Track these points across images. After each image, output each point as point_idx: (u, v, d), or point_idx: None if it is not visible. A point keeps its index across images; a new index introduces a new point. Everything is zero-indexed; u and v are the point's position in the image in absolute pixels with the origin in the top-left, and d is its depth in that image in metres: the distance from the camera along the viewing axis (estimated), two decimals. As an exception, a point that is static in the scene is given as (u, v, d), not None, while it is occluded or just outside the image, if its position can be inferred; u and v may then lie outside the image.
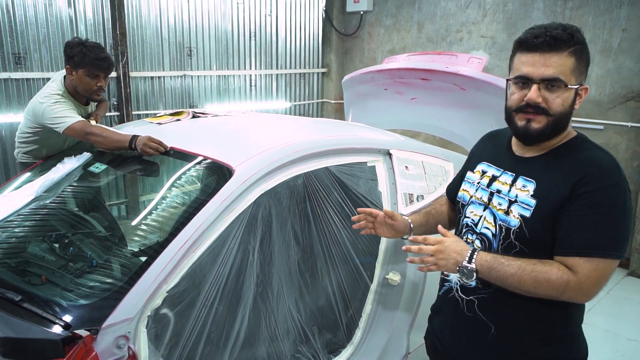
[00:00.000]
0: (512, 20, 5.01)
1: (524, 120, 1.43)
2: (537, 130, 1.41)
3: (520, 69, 1.41)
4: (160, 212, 1.97)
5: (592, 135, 4.61)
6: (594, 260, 1.33)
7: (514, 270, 1.38)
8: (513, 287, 1.40)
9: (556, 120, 1.39)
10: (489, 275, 1.42)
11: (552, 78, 1.36)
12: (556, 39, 1.34)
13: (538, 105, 1.38)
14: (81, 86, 2.62)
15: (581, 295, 1.36)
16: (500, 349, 1.53)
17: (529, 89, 1.39)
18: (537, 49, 1.37)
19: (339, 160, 2.20)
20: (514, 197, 1.46)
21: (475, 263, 1.42)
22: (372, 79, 3.71)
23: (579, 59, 1.37)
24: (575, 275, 1.33)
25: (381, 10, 6.22)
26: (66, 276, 1.66)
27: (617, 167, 1.38)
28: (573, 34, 1.36)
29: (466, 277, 1.44)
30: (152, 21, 4.92)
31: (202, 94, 5.52)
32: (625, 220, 1.36)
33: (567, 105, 1.39)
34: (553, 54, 1.35)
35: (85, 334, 1.36)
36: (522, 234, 1.43)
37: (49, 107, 2.52)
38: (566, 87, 1.36)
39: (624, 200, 1.35)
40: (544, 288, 1.36)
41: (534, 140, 1.45)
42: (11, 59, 4.13)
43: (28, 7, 4.14)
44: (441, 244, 1.47)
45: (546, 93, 1.38)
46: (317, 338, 2.20)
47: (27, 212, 2.02)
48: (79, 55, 2.55)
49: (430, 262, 1.47)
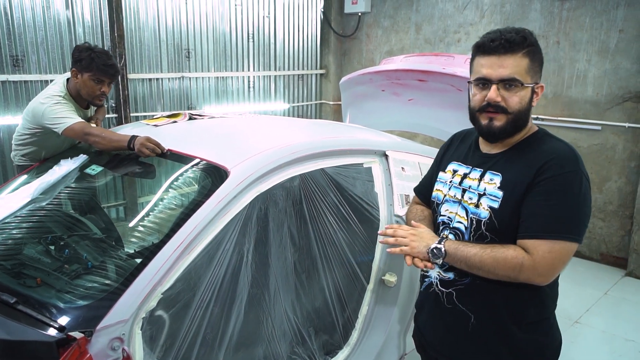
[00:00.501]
0: (509, 22, 5.02)
1: (486, 119, 1.52)
2: (499, 127, 1.51)
3: (480, 71, 1.51)
4: (156, 214, 1.97)
5: (589, 135, 4.64)
6: (549, 242, 1.41)
7: (475, 250, 1.48)
8: (476, 267, 1.48)
9: (515, 117, 1.49)
10: (455, 255, 1.51)
11: (508, 78, 1.46)
12: (510, 41, 1.45)
13: (498, 104, 1.48)
14: (85, 90, 2.64)
15: (537, 276, 1.44)
16: (480, 337, 1.60)
17: (489, 89, 1.49)
18: (494, 52, 1.47)
19: (335, 162, 2.21)
20: (482, 191, 1.56)
21: (444, 244, 1.54)
22: (369, 80, 3.72)
23: (532, 60, 1.48)
24: (531, 256, 1.42)
25: (379, 11, 6.23)
26: (61, 278, 1.66)
27: (574, 156, 1.47)
28: (526, 36, 1.47)
29: (435, 257, 1.54)
30: (150, 23, 4.93)
31: (200, 95, 5.52)
32: (581, 205, 1.43)
33: (524, 102, 1.49)
34: (508, 56, 1.46)
35: (79, 336, 1.36)
36: (492, 225, 1.51)
37: (50, 108, 2.54)
38: (522, 85, 1.47)
39: (579, 186, 1.43)
40: (502, 267, 1.44)
41: (497, 137, 1.55)
42: (9, 61, 4.13)
43: (26, 10, 4.14)
44: (416, 230, 1.64)
45: (504, 92, 1.48)
46: (314, 339, 2.21)
47: (23, 214, 2.02)
48: (87, 59, 2.59)
49: (404, 243, 1.58)
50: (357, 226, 2.24)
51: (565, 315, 3.74)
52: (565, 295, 4.00)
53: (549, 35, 4.80)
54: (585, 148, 4.71)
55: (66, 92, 2.67)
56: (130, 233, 2.10)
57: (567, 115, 4.79)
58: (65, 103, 2.59)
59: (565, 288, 4.14)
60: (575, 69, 4.67)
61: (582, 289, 4.25)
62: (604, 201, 4.70)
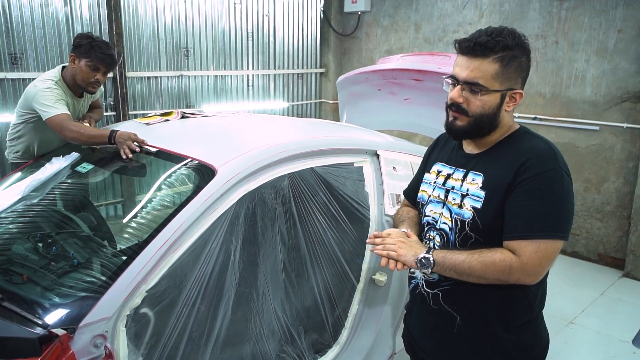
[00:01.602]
0: (508, 21, 5.01)
1: (452, 117, 1.55)
2: (459, 127, 1.54)
3: (454, 69, 1.53)
4: (145, 212, 1.97)
5: (587, 136, 4.63)
6: (535, 242, 1.41)
7: (463, 257, 1.47)
8: (465, 273, 1.48)
9: (477, 120, 1.50)
10: (443, 263, 1.50)
11: (471, 82, 1.47)
12: (481, 45, 1.45)
13: (459, 105, 1.51)
14: (80, 75, 2.68)
15: (526, 276, 1.44)
16: (466, 338, 1.60)
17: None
18: (465, 53, 1.49)
19: (325, 161, 2.21)
20: (465, 191, 1.56)
21: (432, 254, 1.53)
22: (366, 79, 3.71)
23: (505, 66, 1.46)
24: (519, 258, 1.42)
25: (379, 10, 6.23)
26: (47, 275, 1.67)
27: (554, 154, 1.47)
28: (500, 41, 1.44)
29: (424, 267, 1.53)
30: (148, 21, 4.94)
31: (199, 94, 5.53)
32: (564, 202, 1.44)
33: (488, 107, 1.49)
34: (476, 59, 1.46)
35: (61, 333, 1.37)
36: (475, 225, 1.51)
37: (41, 92, 2.58)
38: (488, 90, 1.46)
39: (561, 183, 1.43)
40: (492, 271, 1.44)
41: (457, 136, 1.59)
42: (7, 59, 4.15)
43: (24, 8, 4.16)
44: (404, 238, 1.62)
45: (468, 95, 1.49)
46: (303, 338, 2.21)
47: (13, 211, 2.03)
48: (86, 46, 2.64)
49: (392, 250, 1.57)
50: (347, 225, 2.24)
51: (561, 315, 3.74)
52: (561, 296, 4.04)
53: (547, 35, 4.78)
54: (584, 148, 4.70)
55: (60, 77, 2.71)
56: (121, 231, 2.11)
57: (565, 115, 4.78)
58: (56, 89, 2.63)
59: (562, 288, 4.18)
60: (573, 69, 4.66)
61: (578, 289, 4.24)
62: (601, 202, 4.69)
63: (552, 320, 3.69)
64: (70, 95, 2.75)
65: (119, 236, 2.03)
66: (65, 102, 2.63)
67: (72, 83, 2.73)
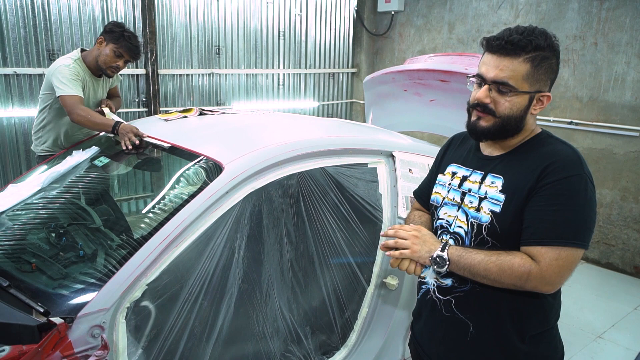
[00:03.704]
0: (545, 21, 4.84)
1: (475, 117, 1.48)
2: (483, 128, 1.46)
3: (480, 68, 1.46)
4: (154, 206, 2.00)
5: (626, 142, 4.42)
6: (556, 249, 1.35)
7: (480, 258, 1.41)
8: (480, 275, 1.41)
9: (503, 122, 1.43)
10: (458, 263, 1.44)
11: (501, 82, 1.40)
12: (513, 43, 1.38)
13: (486, 105, 1.43)
14: (103, 58, 2.83)
15: (544, 285, 1.38)
16: (479, 348, 1.53)
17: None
18: (495, 51, 1.41)
19: (337, 161, 2.18)
20: (483, 194, 1.49)
21: (447, 252, 1.46)
22: (392, 79, 3.66)
23: (536, 66, 1.40)
24: (538, 264, 1.36)
25: (412, 10, 6.14)
26: (54, 265, 1.72)
27: (578, 159, 1.41)
28: (532, 40, 1.38)
29: (439, 266, 1.47)
30: (181, 20, 5.03)
31: (230, 92, 5.59)
32: (587, 209, 1.38)
33: (516, 109, 1.42)
34: (507, 59, 1.39)
35: (59, 322, 1.40)
36: (493, 229, 1.45)
37: (61, 68, 2.73)
38: (517, 92, 1.40)
39: (585, 190, 1.37)
40: (508, 276, 1.38)
41: (479, 137, 1.51)
42: (45, 55, 4.31)
43: (62, 6, 4.32)
44: (418, 231, 1.53)
45: (496, 95, 1.42)
46: (310, 339, 2.19)
47: (32, 202, 2.10)
48: (118, 33, 2.81)
49: (405, 246, 1.50)
50: (358, 227, 2.21)
51: (589, 329, 3.58)
52: (590, 308, 3.88)
53: (586, 36, 4.59)
54: (622, 155, 4.49)
55: (79, 57, 2.86)
56: (136, 225, 2.15)
57: (602, 120, 4.58)
58: (75, 67, 2.77)
59: (592, 301, 4.01)
60: (613, 71, 4.45)
61: (610, 302, 4.05)
62: (639, 211, 4.47)
63: (579, 334, 3.55)
64: (89, 75, 2.90)
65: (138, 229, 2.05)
66: (81, 81, 2.78)
67: (93, 64, 2.88)
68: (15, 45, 4.16)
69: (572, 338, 3.43)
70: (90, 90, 2.87)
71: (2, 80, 4.15)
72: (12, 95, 4.22)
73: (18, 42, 4.17)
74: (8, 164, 4.34)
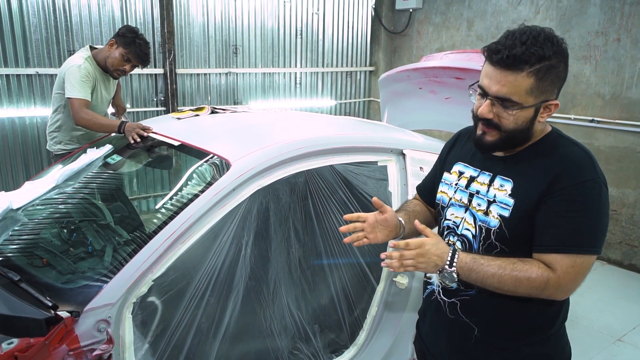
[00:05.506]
0: (566, 17, 4.74)
1: (480, 131, 1.43)
2: (489, 142, 1.42)
3: (482, 79, 1.38)
4: (164, 203, 2.02)
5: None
6: (571, 256, 1.32)
7: (494, 271, 1.36)
8: (493, 287, 1.38)
9: (509, 135, 1.39)
10: (468, 276, 1.39)
11: (503, 98, 1.33)
12: (515, 57, 1.28)
13: (490, 120, 1.38)
14: (111, 60, 2.92)
15: (560, 292, 1.36)
16: (483, 351, 1.51)
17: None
18: (496, 64, 1.32)
19: (346, 159, 2.17)
20: (492, 197, 1.44)
21: (455, 266, 1.39)
22: (407, 77, 3.63)
23: (541, 79, 1.31)
24: (554, 273, 1.33)
25: (430, 7, 6.08)
26: (64, 260, 1.75)
27: (592, 162, 1.37)
28: (535, 52, 1.28)
29: (448, 280, 1.42)
30: (199, 19, 5.08)
31: (247, 91, 5.62)
32: (601, 215, 1.34)
33: (521, 122, 1.36)
34: (509, 73, 1.30)
35: (66, 316, 1.43)
36: (502, 234, 1.41)
37: (72, 69, 2.81)
38: (521, 107, 1.33)
39: (599, 195, 1.33)
40: (525, 287, 1.34)
41: (487, 151, 1.46)
42: (66, 55, 4.39)
43: (83, 7, 4.40)
44: (422, 248, 1.40)
45: (499, 110, 1.36)
46: (319, 337, 2.19)
47: (46, 199, 2.15)
48: (129, 38, 2.89)
49: (409, 265, 1.41)
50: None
51: (608, 331, 3.50)
52: (610, 311, 3.78)
53: (608, 32, 4.48)
54: (646, 154, 4.37)
55: (89, 55, 2.94)
56: (148, 222, 2.18)
57: (625, 118, 4.45)
58: (86, 68, 2.84)
59: (613, 303, 3.91)
60: (636, 68, 4.33)
61: (631, 305, 3.94)
62: (664, 212, 4.34)
63: (598, 336, 3.47)
64: (100, 72, 2.98)
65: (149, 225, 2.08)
66: (92, 81, 2.85)
67: (102, 64, 2.96)
68: (37, 46, 4.25)
69: (591, 340, 3.35)
70: (102, 87, 2.97)
71: (24, 81, 4.25)
72: (35, 95, 4.32)
73: (40, 43, 4.26)
74: (30, 163, 4.44)
